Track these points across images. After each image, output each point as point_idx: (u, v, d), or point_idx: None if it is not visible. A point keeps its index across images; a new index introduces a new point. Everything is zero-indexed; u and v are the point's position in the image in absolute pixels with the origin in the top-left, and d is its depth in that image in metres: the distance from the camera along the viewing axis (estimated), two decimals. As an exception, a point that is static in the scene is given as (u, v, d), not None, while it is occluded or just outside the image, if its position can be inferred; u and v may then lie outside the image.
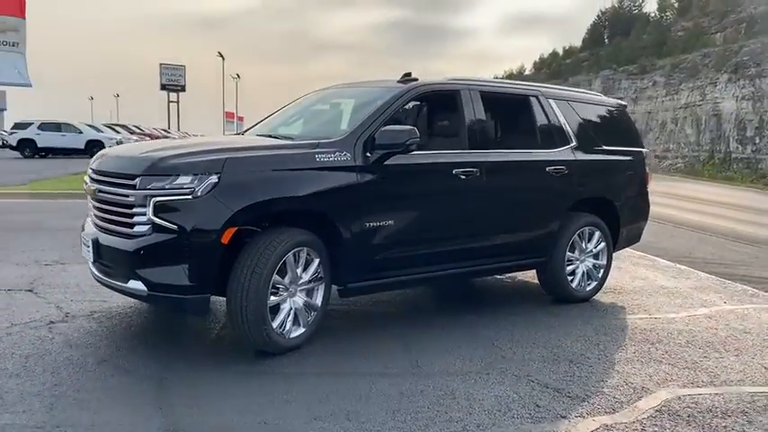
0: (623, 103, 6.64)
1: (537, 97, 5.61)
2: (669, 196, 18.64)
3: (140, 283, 3.88)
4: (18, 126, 30.75)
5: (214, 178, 3.85)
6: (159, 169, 3.90)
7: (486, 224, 5.10)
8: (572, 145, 5.69)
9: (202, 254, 3.83)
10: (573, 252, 5.75)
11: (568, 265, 5.73)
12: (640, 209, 6.41)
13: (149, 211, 3.83)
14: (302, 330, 4.27)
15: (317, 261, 4.28)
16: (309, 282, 4.28)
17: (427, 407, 3.48)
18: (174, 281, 3.84)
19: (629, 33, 63.20)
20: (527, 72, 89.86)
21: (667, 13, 65.28)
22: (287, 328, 4.16)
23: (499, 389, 3.76)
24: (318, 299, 4.37)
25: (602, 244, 5.94)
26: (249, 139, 5.12)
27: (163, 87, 39.25)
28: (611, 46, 66.16)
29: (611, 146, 6.13)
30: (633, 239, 6.54)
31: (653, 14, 67.09)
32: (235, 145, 4.40)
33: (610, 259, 6.05)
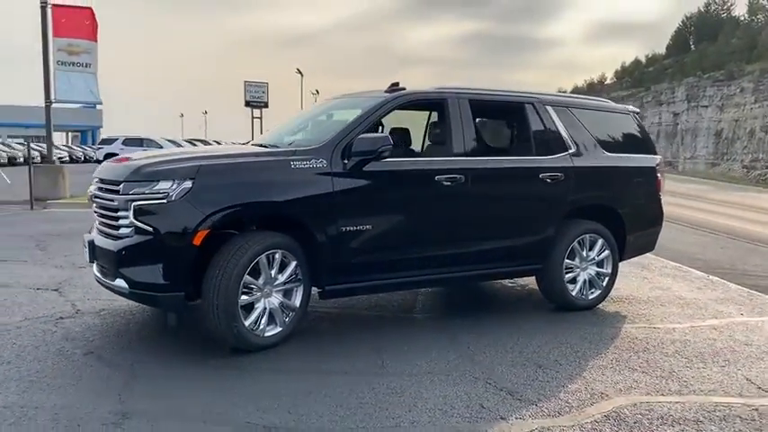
0: (634, 109, 6.49)
1: (533, 104, 5.61)
2: (740, 207, 17.77)
3: (123, 281, 4.21)
4: (104, 141, 32.91)
5: (188, 183, 4.12)
6: (140, 175, 4.22)
7: (472, 230, 5.15)
8: (570, 151, 5.64)
9: (176, 254, 4.11)
10: (573, 260, 5.69)
11: (568, 272, 5.67)
12: (651, 216, 6.25)
13: (130, 214, 4.15)
14: (279, 329, 4.47)
15: (293, 263, 4.48)
16: (286, 283, 4.48)
17: (371, 403, 3.59)
18: (151, 279, 4.14)
19: (716, 38, 60.44)
20: (608, 81, 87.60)
21: (758, 16, 62.07)
22: (261, 326, 4.37)
23: (451, 389, 3.82)
24: (297, 300, 4.56)
25: (606, 252, 5.83)
26: (235, 147, 5.39)
27: (247, 104, 40.82)
28: (696, 52, 63.57)
29: (617, 152, 6.03)
30: (645, 247, 6.38)
31: (743, 18, 63.93)
32: (216, 153, 4.68)
33: (615, 268, 5.92)
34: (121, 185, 4.23)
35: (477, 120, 5.26)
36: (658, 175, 6.26)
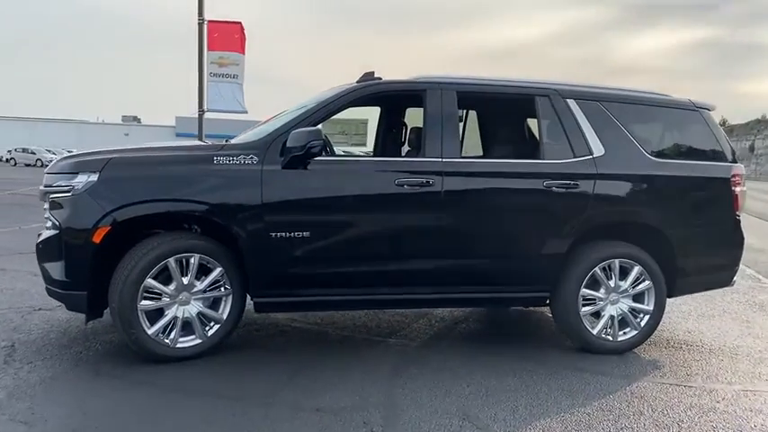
0: (704, 104, 5.01)
1: (548, 97, 4.58)
2: None
3: (42, 275, 4.12)
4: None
5: (94, 177, 3.90)
6: (57, 168, 4.10)
7: (442, 245, 4.29)
8: (595, 155, 4.52)
9: (75, 251, 3.89)
10: (596, 290, 4.56)
11: (588, 304, 4.56)
12: (719, 241, 4.83)
13: (47, 207, 4.04)
14: (197, 341, 4.08)
15: (218, 270, 4.06)
16: (207, 291, 4.07)
17: (220, 428, 3.07)
18: (57, 275, 3.98)
19: None
20: None
21: None
22: (172, 336, 4.00)
23: (310, 421, 3.14)
24: (225, 311, 4.13)
25: (646, 283, 4.60)
26: (168, 143, 4.96)
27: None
28: None
29: (673, 158, 4.77)
30: (713, 281, 4.97)
31: None
32: (146, 146, 4.39)
33: (660, 303, 4.64)
34: (44, 177, 4.14)
35: (467, 115, 4.41)
36: (735, 189, 4.82)
